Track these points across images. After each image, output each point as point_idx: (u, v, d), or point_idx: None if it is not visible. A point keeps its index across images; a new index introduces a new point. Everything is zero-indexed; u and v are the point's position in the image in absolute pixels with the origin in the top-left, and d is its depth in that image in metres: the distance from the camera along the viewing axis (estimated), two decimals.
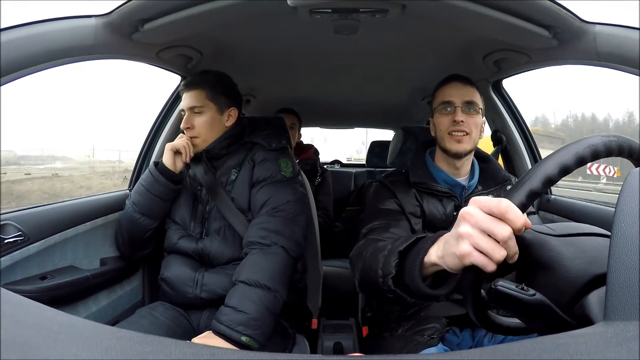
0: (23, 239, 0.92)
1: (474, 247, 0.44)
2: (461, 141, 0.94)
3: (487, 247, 0.43)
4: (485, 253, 0.44)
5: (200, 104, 1.08)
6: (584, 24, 0.82)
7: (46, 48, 0.74)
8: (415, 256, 0.59)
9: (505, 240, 0.43)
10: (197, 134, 1.09)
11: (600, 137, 0.47)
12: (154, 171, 1.07)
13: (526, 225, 0.44)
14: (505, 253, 0.43)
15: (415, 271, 0.58)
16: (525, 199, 0.45)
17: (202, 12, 0.84)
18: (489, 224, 0.43)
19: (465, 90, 0.97)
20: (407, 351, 0.85)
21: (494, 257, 0.43)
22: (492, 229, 0.43)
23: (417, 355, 0.61)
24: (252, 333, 0.89)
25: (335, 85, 1.81)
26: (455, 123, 0.94)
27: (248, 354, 0.28)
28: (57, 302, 0.97)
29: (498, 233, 0.43)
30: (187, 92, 1.10)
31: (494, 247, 0.43)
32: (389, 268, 0.64)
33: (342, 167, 3.13)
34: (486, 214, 0.44)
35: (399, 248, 0.63)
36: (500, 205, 0.43)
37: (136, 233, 1.09)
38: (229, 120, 1.13)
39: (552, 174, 0.45)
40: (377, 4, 0.87)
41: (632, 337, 0.26)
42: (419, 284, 0.58)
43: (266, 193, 1.08)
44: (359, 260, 0.79)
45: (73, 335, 0.27)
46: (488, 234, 0.44)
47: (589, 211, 1.19)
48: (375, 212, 0.96)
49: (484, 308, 0.50)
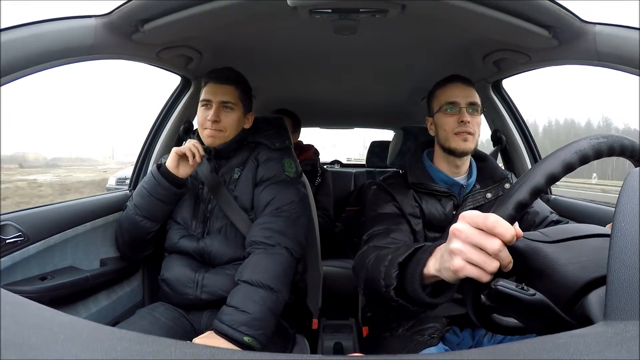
0: (23, 240, 0.92)
1: (466, 261, 0.46)
2: (467, 140, 0.95)
3: (479, 260, 0.45)
4: (478, 266, 0.45)
5: (233, 101, 1.08)
6: (584, 24, 0.82)
7: (46, 48, 0.73)
8: (415, 267, 0.61)
9: (496, 252, 0.44)
10: (224, 129, 1.07)
11: (587, 141, 0.46)
12: (156, 174, 1.05)
13: (517, 235, 0.45)
14: (497, 264, 0.45)
15: (416, 282, 0.60)
16: (514, 211, 0.45)
17: (202, 12, 0.84)
18: (479, 239, 0.45)
19: (468, 91, 0.98)
20: (408, 351, 0.85)
21: (487, 269, 0.45)
22: (482, 243, 0.45)
23: (417, 355, 0.61)
24: (254, 333, 0.88)
25: (335, 85, 1.81)
26: (462, 123, 0.95)
27: (249, 354, 0.28)
28: (57, 302, 0.97)
29: (488, 247, 0.44)
30: (218, 85, 1.07)
31: (486, 259, 0.45)
32: (390, 279, 0.66)
33: (342, 167, 3.13)
34: (475, 228, 0.46)
35: (399, 260, 0.65)
36: (488, 221, 0.44)
37: (138, 235, 1.09)
38: (247, 123, 1.14)
39: (540, 184, 0.45)
40: (376, 4, 0.87)
41: (632, 337, 0.26)
42: (420, 294, 0.60)
43: (270, 193, 1.08)
44: (361, 269, 0.81)
45: (73, 335, 0.27)
46: (479, 247, 0.45)
47: (590, 211, 1.19)
48: (374, 217, 0.97)
49: (484, 310, 0.51)
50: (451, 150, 0.97)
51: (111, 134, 70.28)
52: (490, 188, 0.99)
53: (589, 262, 0.44)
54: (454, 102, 0.97)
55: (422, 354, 0.63)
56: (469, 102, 0.96)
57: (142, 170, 1.40)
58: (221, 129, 1.07)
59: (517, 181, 0.47)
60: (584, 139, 0.46)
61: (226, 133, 1.08)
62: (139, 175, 1.39)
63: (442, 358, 0.34)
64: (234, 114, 1.08)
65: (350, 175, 2.56)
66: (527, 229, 0.95)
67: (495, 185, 0.99)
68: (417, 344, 0.85)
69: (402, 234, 0.91)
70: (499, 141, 1.47)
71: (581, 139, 0.47)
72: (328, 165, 3.06)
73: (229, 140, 1.10)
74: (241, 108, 1.10)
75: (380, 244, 0.85)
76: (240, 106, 1.10)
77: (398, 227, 0.92)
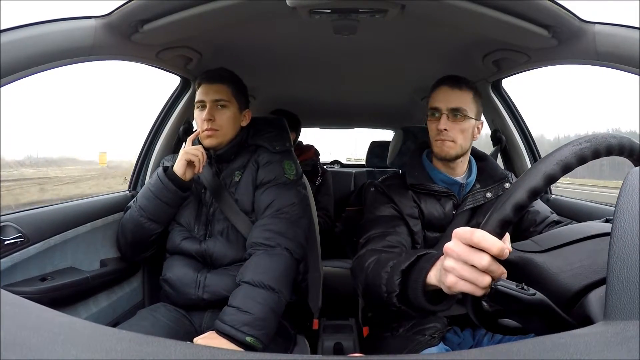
0: (23, 240, 0.92)
1: (459, 277, 0.48)
2: (445, 146, 0.95)
3: (470, 276, 0.47)
4: (470, 281, 0.47)
5: (226, 98, 1.08)
6: (584, 23, 0.82)
7: (45, 49, 0.73)
8: (418, 275, 0.62)
9: (485, 267, 0.46)
10: (219, 127, 1.08)
11: (569, 148, 0.45)
12: (163, 178, 1.04)
13: (505, 249, 0.45)
14: (488, 279, 0.46)
15: (419, 290, 0.61)
16: (498, 228, 0.45)
17: (201, 12, 0.84)
18: (468, 255, 0.47)
19: (453, 96, 0.96)
20: (408, 351, 0.85)
21: (479, 285, 0.47)
22: (471, 259, 0.47)
23: (417, 355, 0.61)
24: (256, 333, 0.89)
25: (335, 86, 1.81)
26: (438, 131, 0.95)
27: (249, 354, 0.28)
28: (57, 303, 0.97)
29: (477, 262, 0.46)
30: (209, 85, 1.09)
31: (477, 275, 0.47)
32: (392, 286, 0.67)
33: (342, 167, 3.13)
34: (466, 245, 0.47)
35: (402, 267, 0.66)
36: (474, 237, 0.46)
37: (141, 237, 1.09)
38: (244, 121, 1.14)
39: (522, 200, 0.44)
40: (376, 4, 0.87)
41: (632, 336, 0.26)
42: (422, 301, 0.62)
43: (270, 195, 1.08)
44: (360, 272, 0.82)
45: (73, 336, 0.27)
46: (470, 264, 0.47)
47: (590, 210, 1.19)
48: (372, 220, 0.97)
49: (485, 313, 0.51)
50: (435, 154, 0.98)
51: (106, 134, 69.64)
52: (490, 187, 0.99)
53: (582, 268, 0.44)
54: (436, 107, 0.96)
55: (422, 354, 0.64)
56: (451, 108, 0.95)
57: (142, 171, 1.40)
58: (216, 127, 1.07)
59: (501, 198, 0.47)
60: (567, 146, 0.45)
61: (222, 131, 1.08)
62: (138, 175, 1.39)
63: (442, 358, 0.34)
64: (228, 111, 1.09)
65: (350, 176, 2.56)
66: (527, 228, 0.96)
67: (495, 185, 0.99)
68: (418, 344, 0.85)
69: (399, 236, 0.91)
70: (499, 141, 1.47)
71: (564, 145, 0.46)
72: (328, 166, 3.06)
73: (228, 140, 1.10)
74: (235, 105, 1.10)
75: (378, 247, 0.86)
76: (234, 103, 1.10)
77: (394, 229, 0.93)
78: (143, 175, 1.39)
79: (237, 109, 1.11)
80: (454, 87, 0.96)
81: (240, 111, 1.12)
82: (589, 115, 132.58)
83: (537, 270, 0.47)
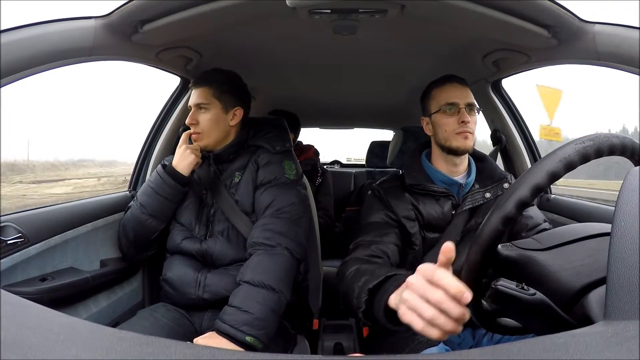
0: (23, 241, 0.92)
1: (409, 308, 0.49)
2: (468, 138, 0.97)
3: (417, 305, 0.48)
4: (416, 312, 0.48)
5: (205, 101, 1.09)
6: (584, 23, 0.82)
7: (45, 50, 0.73)
8: (381, 296, 0.65)
9: (438, 302, 0.46)
10: (201, 130, 1.09)
11: (573, 146, 0.45)
12: (162, 173, 1.07)
13: (465, 296, 0.45)
14: (432, 311, 0.47)
15: (380, 310, 0.64)
16: (501, 225, 0.45)
17: (201, 13, 0.84)
18: (423, 289, 0.48)
19: (465, 92, 1.00)
20: (408, 351, 0.85)
21: (422, 314, 0.47)
22: (424, 293, 0.48)
23: (417, 355, 0.61)
24: (256, 333, 0.89)
25: (335, 86, 1.81)
26: (463, 123, 0.97)
27: (249, 354, 0.28)
28: (57, 303, 0.97)
29: (430, 297, 0.47)
30: (195, 89, 1.11)
31: (423, 305, 0.48)
32: (360, 302, 0.70)
33: (342, 167, 3.13)
34: (426, 280, 0.48)
35: (369, 286, 0.69)
36: (434, 274, 0.47)
37: (143, 234, 1.09)
38: (233, 119, 1.13)
39: (525, 197, 0.44)
40: (376, 4, 0.87)
41: (632, 336, 0.26)
42: (383, 321, 0.65)
43: (270, 195, 1.09)
44: (341, 280, 0.85)
45: (73, 336, 0.27)
46: (425, 298, 0.48)
47: (590, 210, 1.19)
48: (364, 225, 0.99)
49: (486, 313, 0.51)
50: (452, 149, 0.98)
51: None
52: (489, 188, 0.99)
53: (583, 266, 0.44)
54: (454, 102, 0.98)
55: (422, 354, 0.64)
56: (467, 103, 0.98)
57: (142, 171, 1.40)
58: (199, 130, 1.09)
59: (502, 195, 0.47)
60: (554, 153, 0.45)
61: (205, 133, 1.09)
62: (139, 176, 1.39)
63: (442, 358, 0.34)
64: (209, 113, 1.09)
65: (350, 176, 2.56)
66: (518, 231, 0.96)
67: (495, 185, 0.99)
68: (418, 344, 0.85)
69: (385, 246, 0.92)
70: (499, 141, 1.47)
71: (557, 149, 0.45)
72: (328, 166, 3.06)
73: (214, 140, 1.11)
74: (218, 105, 1.10)
75: (361, 256, 0.89)
76: (215, 104, 1.09)
77: (382, 239, 0.93)
78: (143, 175, 1.39)
79: (219, 109, 1.10)
80: (462, 84, 1.01)
81: (225, 111, 1.11)
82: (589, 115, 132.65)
83: (538, 268, 0.47)
